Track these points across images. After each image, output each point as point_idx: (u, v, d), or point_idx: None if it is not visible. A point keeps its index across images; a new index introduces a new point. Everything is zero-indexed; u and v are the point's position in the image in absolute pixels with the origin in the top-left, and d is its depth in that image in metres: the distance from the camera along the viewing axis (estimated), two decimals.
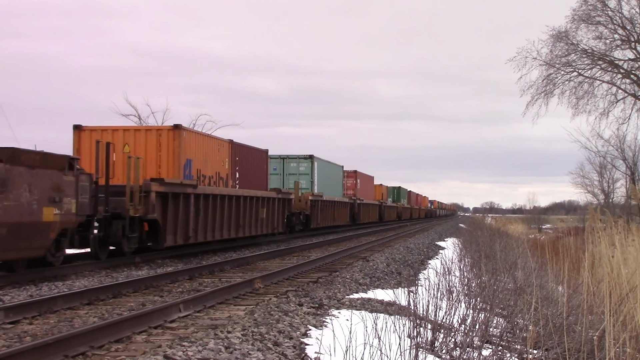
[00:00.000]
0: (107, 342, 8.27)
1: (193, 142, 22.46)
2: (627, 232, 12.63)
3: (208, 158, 23.67)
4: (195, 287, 14.15)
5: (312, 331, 8.83)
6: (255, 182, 28.57)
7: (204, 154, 23.25)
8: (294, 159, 38.43)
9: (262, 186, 29.55)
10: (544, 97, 40.27)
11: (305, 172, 38.38)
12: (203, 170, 23.10)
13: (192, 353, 7.30)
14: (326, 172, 42.16)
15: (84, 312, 10.87)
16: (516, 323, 9.34)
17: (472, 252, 19.97)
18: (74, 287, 13.57)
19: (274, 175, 36.38)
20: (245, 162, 27.43)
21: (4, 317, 9.83)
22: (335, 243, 31.07)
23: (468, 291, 11.90)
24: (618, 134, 45.10)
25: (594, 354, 6.80)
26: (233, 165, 26.10)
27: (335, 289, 13.63)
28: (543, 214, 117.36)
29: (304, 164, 38.47)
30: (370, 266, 18.83)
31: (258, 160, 29.32)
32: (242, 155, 27.21)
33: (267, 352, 7.50)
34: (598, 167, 59.36)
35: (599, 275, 10.73)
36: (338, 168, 47.50)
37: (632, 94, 39.75)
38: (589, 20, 38.99)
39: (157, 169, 20.94)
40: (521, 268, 12.90)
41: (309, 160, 38.63)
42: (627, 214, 40.83)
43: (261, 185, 29.36)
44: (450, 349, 7.90)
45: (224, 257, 21.20)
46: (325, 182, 41.52)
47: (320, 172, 40.10)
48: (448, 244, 31.37)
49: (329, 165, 44.01)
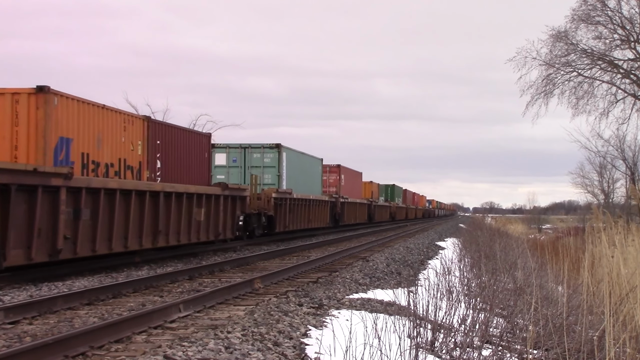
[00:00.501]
0: (107, 342, 8.27)
1: (74, 114, 16.20)
2: (627, 232, 12.63)
3: (105, 138, 17.47)
4: (195, 287, 14.15)
5: (312, 331, 8.83)
6: (190, 175, 22.64)
7: (96, 132, 17.05)
8: (257, 148, 32.36)
9: (202, 180, 23.58)
10: (543, 97, 40.32)
11: (271, 164, 32.30)
12: (94, 155, 17.04)
13: (192, 353, 7.30)
14: (299, 165, 35.77)
15: (84, 312, 10.87)
16: (516, 323, 9.34)
17: (472, 252, 19.97)
18: (73, 287, 13.57)
19: (234, 168, 31.71)
20: (172, 148, 21.41)
21: (4, 317, 9.83)
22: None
23: (468, 291, 11.90)
24: (618, 134, 45.16)
25: (594, 354, 6.80)
26: (151, 150, 19.94)
27: (335, 289, 13.63)
28: (543, 214, 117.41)
29: (269, 154, 32.31)
30: (370, 266, 18.83)
31: (195, 146, 23.30)
32: (168, 138, 21.12)
33: (267, 352, 7.49)
34: (598, 167, 59.44)
35: (598, 275, 10.74)
36: (315, 161, 40.75)
37: (632, 94, 39.76)
38: (588, 20, 39.02)
39: (13, 151, 15.15)
40: (521, 268, 12.90)
41: (275, 150, 32.39)
42: (627, 214, 40.81)
43: (200, 178, 23.39)
44: (450, 349, 7.90)
45: (224, 257, 21.19)
46: (298, 177, 35.35)
47: (290, 164, 33.89)
48: (448, 244, 31.37)
49: (303, 158, 37.36)
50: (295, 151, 35.67)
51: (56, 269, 15.98)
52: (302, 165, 36.61)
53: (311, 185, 38.69)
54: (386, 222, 68.28)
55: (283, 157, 32.92)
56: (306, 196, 36.12)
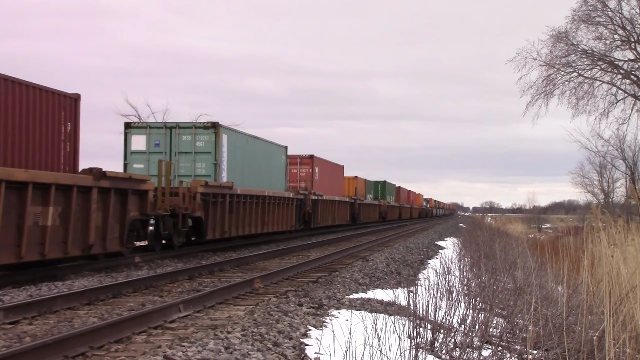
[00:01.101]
0: (107, 342, 8.27)
1: None
2: (627, 232, 12.62)
3: None
4: (195, 287, 14.15)
5: (312, 331, 8.83)
6: (34, 156, 15.68)
7: None
8: (187, 128, 24.85)
9: (55, 164, 16.43)
10: (544, 97, 40.32)
11: (206, 149, 24.65)
12: None
13: (192, 353, 7.29)
14: (248, 152, 28.22)
15: (84, 312, 10.87)
16: (516, 323, 9.34)
17: (471, 252, 19.97)
18: (73, 287, 13.57)
19: (156, 154, 24.10)
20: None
21: (4, 317, 9.83)
22: (335, 243, 31.02)
23: (468, 291, 11.90)
24: (618, 134, 45.17)
25: (593, 354, 6.80)
26: None
27: (334, 289, 13.63)
28: (543, 213, 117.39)
29: (203, 136, 24.73)
30: (369, 266, 18.83)
31: (36, 110, 15.77)
32: None
33: (266, 353, 7.49)
34: (598, 167, 59.49)
35: (598, 275, 10.72)
36: (276, 149, 32.71)
37: (632, 95, 39.77)
38: (589, 20, 39.02)
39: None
40: (521, 268, 12.89)
41: (211, 131, 24.72)
42: (626, 213, 40.81)
43: (51, 162, 16.31)
44: (450, 349, 7.90)
45: (224, 257, 21.19)
46: (247, 168, 27.87)
47: (234, 150, 26.25)
48: (448, 244, 31.38)
49: (256, 144, 29.48)
50: (243, 134, 28.20)
51: (56, 269, 15.97)
52: (253, 152, 28.84)
53: (269, 179, 30.82)
54: (374, 224, 60.52)
55: (222, 141, 25.08)
56: (259, 192, 28.29)
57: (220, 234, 24.30)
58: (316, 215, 38.83)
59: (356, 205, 52.30)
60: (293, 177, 38.42)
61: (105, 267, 17.34)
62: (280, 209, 31.51)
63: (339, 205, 46.06)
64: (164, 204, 20.88)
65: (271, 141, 31.78)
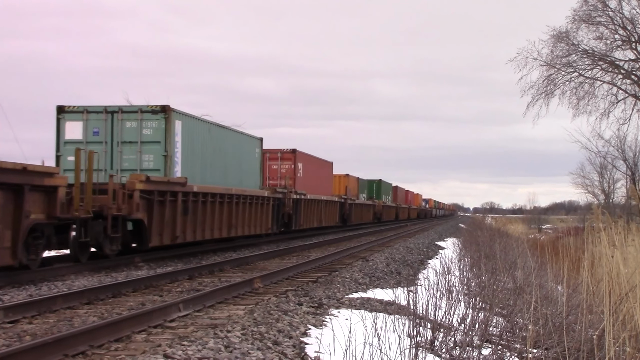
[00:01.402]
0: (107, 341, 8.27)
1: None
2: (627, 232, 12.62)
3: None
4: (194, 286, 14.15)
5: (312, 330, 8.83)
6: None
7: None
8: (132, 113, 20.65)
9: None
10: (544, 97, 40.28)
11: (154, 138, 20.55)
12: None
13: (191, 352, 7.29)
14: (211, 142, 23.75)
15: (84, 312, 10.87)
16: (516, 322, 9.34)
17: (471, 252, 19.97)
18: (73, 286, 13.57)
19: (94, 144, 20.27)
20: None
21: (4, 316, 9.83)
22: (335, 243, 31.01)
23: (468, 291, 11.90)
24: (618, 134, 45.05)
25: (593, 353, 6.80)
26: None
27: (334, 289, 13.63)
28: (543, 214, 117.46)
29: (151, 122, 20.57)
30: (369, 266, 18.83)
31: None
32: None
33: (266, 352, 7.49)
34: (598, 168, 59.37)
35: (598, 274, 10.72)
36: (248, 141, 27.86)
37: (633, 95, 39.75)
38: (589, 20, 39.00)
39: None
40: (521, 268, 12.89)
41: (160, 116, 20.52)
42: (627, 214, 40.81)
43: None
44: (449, 348, 7.90)
45: (224, 257, 21.19)
46: (209, 161, 23.62)
47: (190, 140, 21.98)
48: (448, 244, 31.38)
49: (222, 134, 24.82)
50: (204, 121, 23.36)
51: (56, 268, 15.97)
52: (219, 144, 24.38)
53: (239, 175, 26.43)
54: (367, 225, 56.72)
55: (175, 128, 20.84)
56: (224, 190, 23.90)
57: (170, 240, 20.26)
58: (298, 216, 34.30)
59: (347, 206, 48.08)
60: (273, 173, 34.62)
61: (105, 267, 17.34)
62: (253, 209, 27.04)
63: (326, 205, 41.35)
64: (85, 205, 16.65)
65: (242, 131, 27.05)
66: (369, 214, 58.58)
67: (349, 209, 48.73)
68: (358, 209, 53.40)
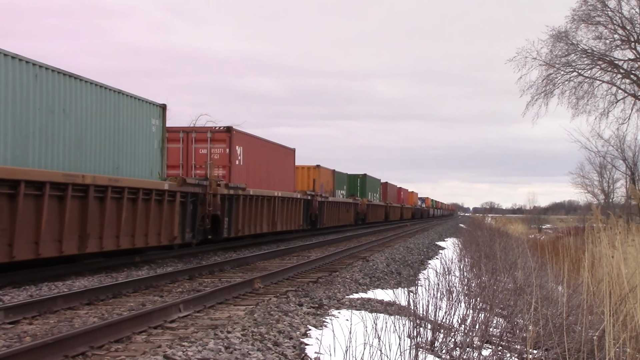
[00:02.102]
0: (107, 342, 8.26)
1: None
2: (627, 232, 12.63)
3: None
4: (195, 287, 14.15)
5: (312, 331, 8.83)
6: None
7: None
8: None
9: None
10: (543, 97, 40.35)
11: None
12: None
13: (192, 353, 7.30)
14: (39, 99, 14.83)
15: (84, 312, 10.87)
16: (516, 323, 9.34)
17: (472, 252, 19.98)
18: (73, 287, 13.57)
19: None
20: None
21: (4, 317, 9.83)
22: (336, 243, 30.96)
23: (468, 291, 11.90)
24: (618, 134, 45.11)
25: (594, 354, 6.80)
26: None
27: (335, 289, 13.63)
28: (543, 214, 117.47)
29: None
30: (370, 266, 18.84)
31: None
32: None
33: (267, 352, 7.49)
34: (598, 167, 59.44)
35: (598, 275, 10.73)
36: (135, 106, 19.18)
37: (632, 94, 39.79)
38: (588, 20, 39.04)
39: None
40: (521, 268, 12.90)
41: None
42: (627, 214, 40.83)
43: None
44: (450, 349, 7.90)
45: (224, 257, 21.20)
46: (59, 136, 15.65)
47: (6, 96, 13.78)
48: (448, 244, 31.38)
49: (66, 85, 15.85)
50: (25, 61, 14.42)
51: (56, 268, 15.97)
52: (60, 101, 15.61)
53: (124, 157, 18.50)
54: (347, 228, 48.12)
55: None
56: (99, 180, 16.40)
57: None
58: (232, 219, 24.79)
59: (315, 204, 38.00)
60: (201, 159, 25.43)
61: (105, 267, 17.34)
62: (144, 209, 18.50)
63: (283, 203, 31.41)
64: None
65: (120, 90, 18.32)
66: (348, 215, 48.73)
67: (318, 208, 38.56)
68: (333, 208, 43.49)
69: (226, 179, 25.15)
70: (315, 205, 38.13)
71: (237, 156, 26.58)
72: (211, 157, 25.58)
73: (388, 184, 69.69)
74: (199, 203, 22.13)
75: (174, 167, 24.90)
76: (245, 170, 27.21)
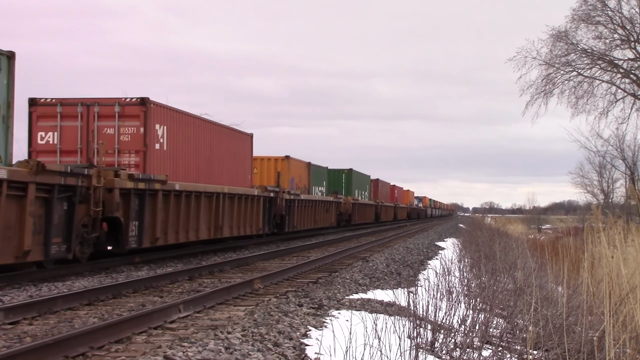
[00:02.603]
0: (107, 342, 8.26)
1: None
2: (627, 232, 12.63)
3: None
4: (195, 287, 14.15)
5: (312, 332, 8.83)
6: None
7: None
8: None
9: None
10: (543, 96, 40.36)
11: None
12: None
13: (192, 354, 7.30)
14: None
15: (84, 313, 10.87)
16: (516, 323, 9.35)
17: (471, 253, 19.98)
18: (73, 287, 13.56)
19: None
20: None
21: (4, 317, 9.82)
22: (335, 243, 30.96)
23: (468, 292, 11.91)
24: (617, 133, 45.13)
25: (594, 354, 6.80)
26: None
27: (335, 290, 13.63)
28: (542, 214, 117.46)
29: None
30: (369, 266, 18.84)
31: None
32: None
33: (267, 353, 7.50)
34: (597, 167, 59.51)
35: (598, 275, 10.73)
36: None
37: (632, 94, 39.80)
38: (588, 20, 39.06)
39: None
40: (521, 268, 12.90)
41: None
42: (626, 213, 40.84)
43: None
44: (450, 349, 7.91)
45: (224, 258, 21.20)
46: None
47: None
48: (448, 244, 31.39)
49: None
50: None
51: (56, 268, 15.97)
52: None
53: None
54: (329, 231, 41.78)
55: None
56: None
57: None
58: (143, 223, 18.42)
59: (280, 203, 30.91)
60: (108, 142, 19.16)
61: (105, 267, 17.34)
62: None
63: (232, 202, 24.60)
64: None
65: None
66: (328, 215, 41.70)
67: (286, 209, 32.03)
68: (307, 208, 36.30)
69: (139, 168, 19.40)
70: (280, 204, 30.93)
71: (156, 138, 20.16)
72: (120, 139, 19.66)
73: (379, 181, 63.86)
74: (77, 202, 15.60)
75: (70, 153, 19.51)
76: (170, 157, 20.98)
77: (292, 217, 33.03)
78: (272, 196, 29.94)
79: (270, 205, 29.95)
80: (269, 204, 29.79)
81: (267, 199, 29.44)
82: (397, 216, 74.80)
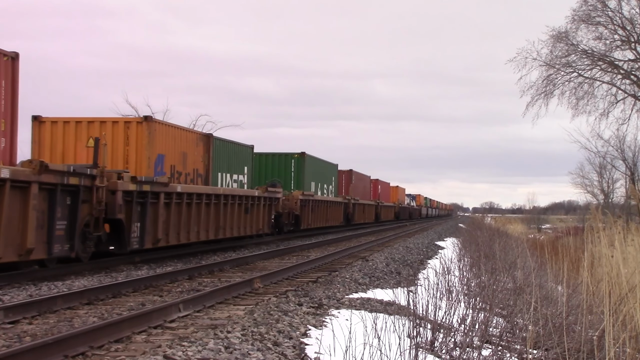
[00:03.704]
0: (107, 342, 8.27)
1: None
2: (627, 232, 12.63)
3: None
4: (194, 286, 14.15)
5: (312, 331, 8.83)
6: None
7: None
8: None
9: None
10: (543, 97, 40.37)
11: None
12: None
13: (191, 353, 7.29)
14: None
15: (84, 312, 10.87)
16: (516, 323, 9.34)
17: (471, 252, 19.98)
18: (73, 287, 13.57)
19: None
20: None
21: (4, 316, 9.83)
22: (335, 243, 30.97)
23: (467, 291, 11.90)
24: (618, 134, 45.16)
25: (593, 353, 6.80)
26: None
27: (334, 289, 13.63)
28: (542, 214, 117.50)
29: None
30: (369, 266, 18.84)
31: None
32: None
33: (266, 352, 7.49)
34: (598, 168, 59.63)
35: (598, 275, 10.74)
36: None
37: (632, 95, 39.80)
38: (589, 20, 39.05)
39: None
40: (520, 268, 12.90)
41: None
42: (626, 214, 40.85)
43: None
44: (450, 348, 7.90)
45: (224, 257, 21.20)
46: None
47: None
48: (447, 244, 31.39)
49: None
50: None
51: (56, 268, 15.97)
52: None
53: None
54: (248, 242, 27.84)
55: None
56: None
57: None
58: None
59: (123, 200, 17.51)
60: None
61: (105, 267, 17.34)
62: None
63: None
64: None
65: None
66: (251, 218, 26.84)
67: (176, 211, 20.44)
68: (197, 207, 21.75)
69: None
70: (120, 201, 17.43)
71: None
72: None
73: (354, 173, 49.98)
74: (79, 201, 15.72)
75: None
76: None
77: (144, 225, 18.73)
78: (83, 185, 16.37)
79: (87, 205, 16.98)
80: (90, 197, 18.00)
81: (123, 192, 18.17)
82: (379, 217, 61.36)
